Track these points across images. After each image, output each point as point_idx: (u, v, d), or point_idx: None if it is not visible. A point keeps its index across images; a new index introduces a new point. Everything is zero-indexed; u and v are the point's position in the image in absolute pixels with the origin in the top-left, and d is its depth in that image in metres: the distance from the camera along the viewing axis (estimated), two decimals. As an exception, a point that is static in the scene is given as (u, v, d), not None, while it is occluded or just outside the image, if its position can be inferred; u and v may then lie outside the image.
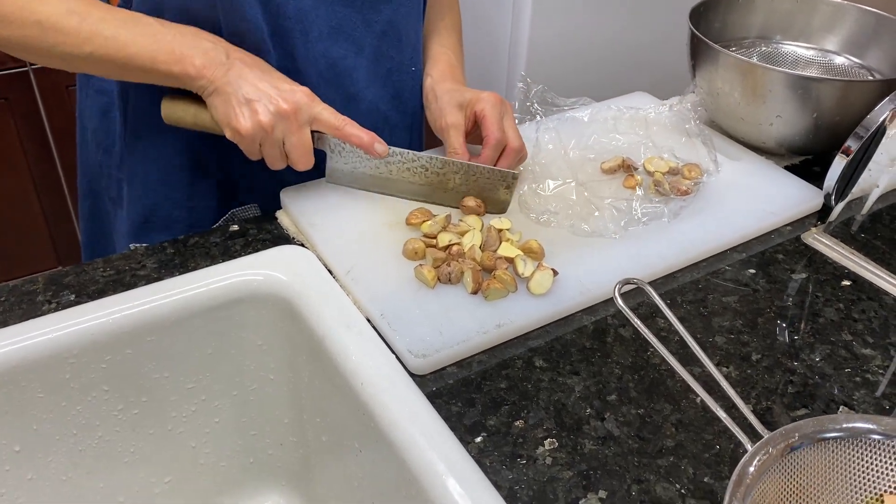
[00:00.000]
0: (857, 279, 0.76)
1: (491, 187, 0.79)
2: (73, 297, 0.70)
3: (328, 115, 0.73)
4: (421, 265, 0.70)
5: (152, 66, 0.69)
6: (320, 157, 0.78)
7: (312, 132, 0.74)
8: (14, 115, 1.75)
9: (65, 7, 0.67)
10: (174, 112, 0.75)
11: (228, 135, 0.72)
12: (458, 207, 0.80)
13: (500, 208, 0.80)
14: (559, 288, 0.70)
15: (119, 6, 0.76)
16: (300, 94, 0.71)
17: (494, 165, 0.80)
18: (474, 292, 0.69)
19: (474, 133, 0.83)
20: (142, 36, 0.68)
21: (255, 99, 0.69)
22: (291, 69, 0.80)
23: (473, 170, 0.78)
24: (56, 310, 0.68)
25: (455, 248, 0.73)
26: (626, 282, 0.59)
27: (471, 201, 0.78)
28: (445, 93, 0.84)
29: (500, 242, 0.74)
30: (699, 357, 0.54)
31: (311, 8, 0.78)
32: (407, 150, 0.78)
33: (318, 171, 0.79)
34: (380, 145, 0.76)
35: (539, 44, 1.61)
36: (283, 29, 0.77)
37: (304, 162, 0.74)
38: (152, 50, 0.68)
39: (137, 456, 0.72)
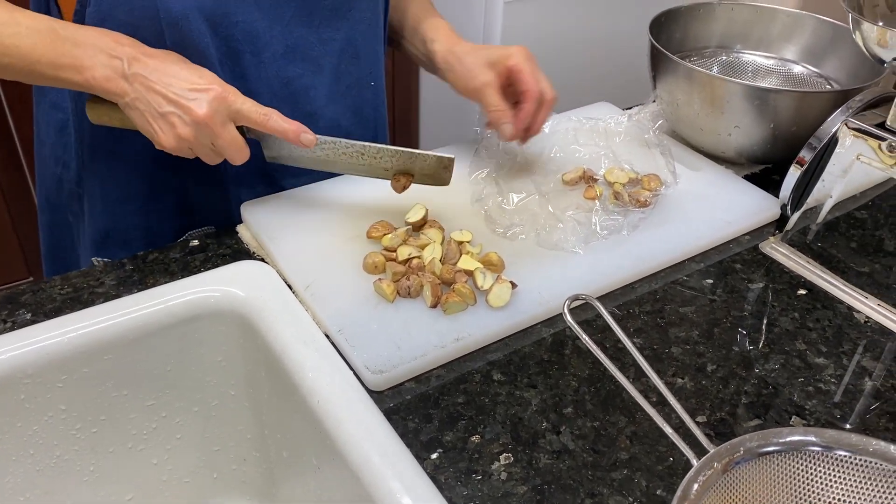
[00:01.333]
0: (812, 288, 0.77)
1: (430, 170, 0.79)
2: (29, 315, 0.69)
3: (249, 109, 0.70)
4: (380, 279, 0.71)
5: (55, 75, 0.67)
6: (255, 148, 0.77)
7: (243, 128, 0.72)
8: (-20, 124, 1.73)
9: None
10: (99, 114, 0.74)
11: (156, 147, 0.70)
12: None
13: (441, 183, 0.80)
14: (518, 300, 0.71)
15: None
16: (213, 93, 0.67)
17: (535, 118, 0.81)
18: (433, 306, 0.69)
19: (508, 90, 0.82)
20: (42, 43, 0.66)
21: (168, 111, 0.66)
22: (243, 90, 0.79)
23: (410, 156, 0.77)
24: (12, 329, 0.67)
25: (415, 261, 0.73)
26: (576, 297, 0.60)
27: (401, 179, 0.78)
28: (468, 53, 0.83)
29: (461, 255, 0.74)
30: (647, 372, 0.55)
31: (265, 29, 0.77)
32: (339, 139, 0.76)
33: (272, 183, 0.79)
34: (306, 135, 0.73)
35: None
36: (234, 51, 0.77)
37: (239, 157, 0.71)
38: (52, 58, 0.66)
39: (98, 475, 0.71)
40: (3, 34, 0.66)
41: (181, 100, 0.66)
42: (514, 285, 0.71)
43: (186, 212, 0.86)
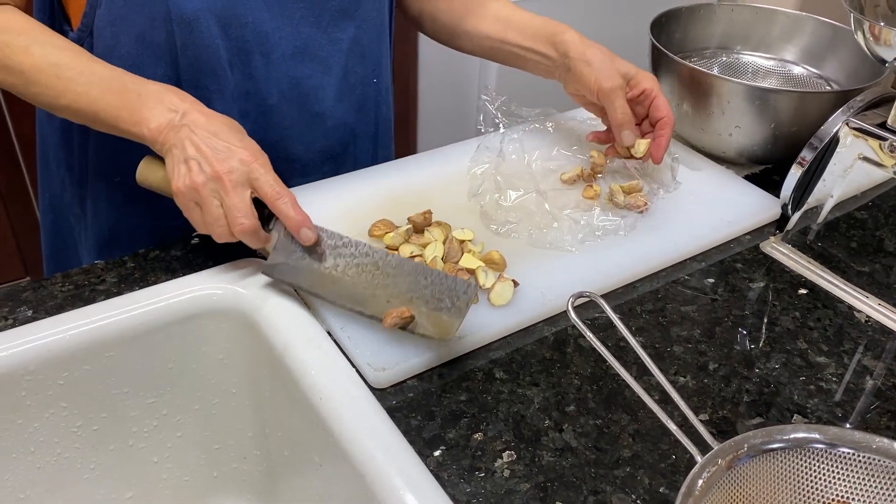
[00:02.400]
0: (813, 287, 0.77)
1: (445, 300, 0.65)
2: (30, 312, 0.69)
3: (264, 183, 0.67)
4: None
5: (115, 125, 0.69)
6: None
7: (267, 212, 0.68)
8: (-22, 124, 1.72)
9: (46, 60, 0.69)
10: (146, 173, 0.72)
11: (172, 196, 0.69)
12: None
13: (443, 332, 0.64)
14: (520, 299, 0.71)
15: (79, 29, 0.76)
16: (240, 155, 0.66)
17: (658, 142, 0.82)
18: None
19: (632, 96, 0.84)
20: (109, 92, 0.69)
21: (192, 157, 0.66)
22: (252, 90, 0.80)
23: (430, 274, 0.66)
24: (13, 326, 0.67)
25: (417, 259, 0.73)
26: (580, 295, 0.60)
27: (402, 311, 0.64)
28: (605, 59, 0.83)
29: (462, 254, 0.74)
30: (651, 370, 0.55)
31: (274, 30, 0.78)
32: (361, 242, 0.69)
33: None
34: (307, 231, 0.68)
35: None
36: (244, 52, 0.77)
37: (237, 224, 0.66)
38: (116, 108, 0.68)
39: (98, 472, 0.71)
40: (78, 83, 0.69)
41: (208, 150, 0.66)
42: (515, 284, 0.71)
43: None
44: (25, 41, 0.69)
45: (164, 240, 0.80)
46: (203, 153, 0.66)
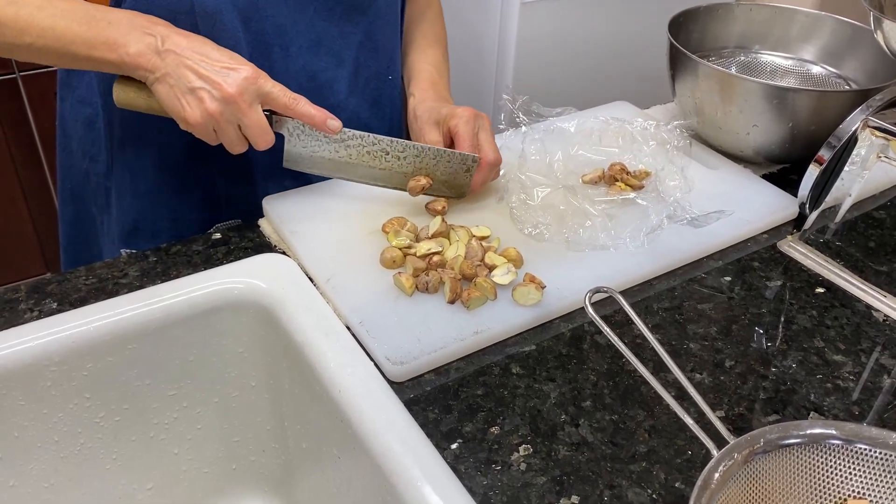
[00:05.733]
0: (830, 286, 0.77)
1: (452, 172, 0.79)
2: (55, 304, 0.70)
3: (278, 93, 0.70)
4: (399, 273, 0.71)
5: (88, 54, 0.67)
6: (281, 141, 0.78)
7: (269, 114, 0.72)
8: (2, 120, 1.75)
9: None
10: (126, 96, 0.73)
11: (180, 125, 0.71)
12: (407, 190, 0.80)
13: (459, 192, 0.81)
14: (537, 295, 0.71)
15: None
16: (244, 73, 0.68)
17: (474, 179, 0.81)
18: (451, 301, 0.69)
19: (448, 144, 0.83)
20: (77, 23, 0.67)
21: (198, 87, 0.66)
22: None
23: (435, 153, 0.78)
24: (38, 318, 0.68)
25: (435, 258, 0.73)
26: (597, 290, 0.60)
27: (421, 180, 0.78)
28: (424, 112, 0.85)
29: (484, 253, 0.74)
30: (668, 365, 0.55)
31: (291, 24, 0.79)
32: (367, 133, 0.77)
33: (299, 176, 0.80)
34: (333, 121, 0.74)
35: (526, 53, 1.62)
36: (264, 44, 0.78)
37: (263, 141, 0.72)
38: (87, 38, 0.67)
39: (119, 463, 0.72)
40: (40, 17, 0.67)
41: (212, 75, 0.66)
42: (542, 286, 0.71)
43: (214, 205, 0.87)
44: None
45: (185, 231, 0.81)
46: (207, 79, 0.66)
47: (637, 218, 0.79)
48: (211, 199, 0.87)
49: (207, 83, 0.66)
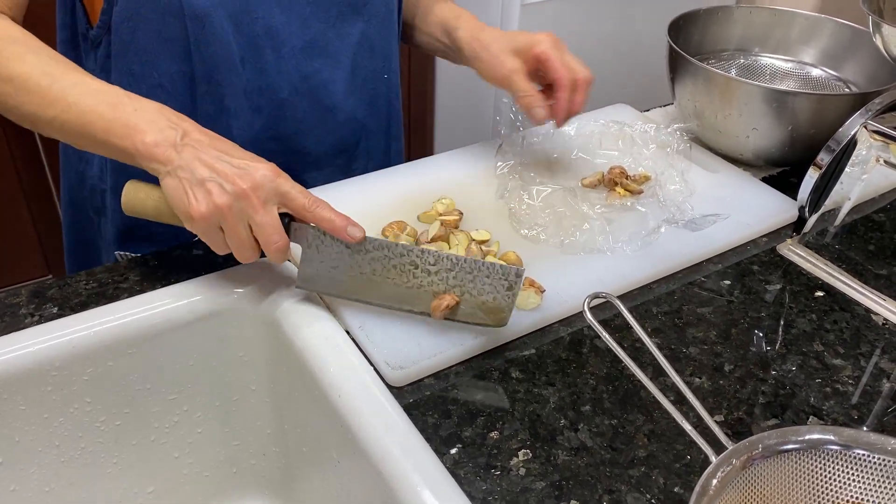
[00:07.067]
0: (830, 290, 0.77)
1: (492, 289, 0.66)
2: (55, 309, 0.71)
3: (296, 194, 0.64)
4: None
5: (105, 138, 0.64)
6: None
7: (286, 222, 0.66)
8: (3, 122, 1.75)
9: (41, 69, 0.66)
10: (136, 196, 0.68)
11: (185, 224, 0.65)
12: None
13: (498, 319, 0.67)
14: (536, 300, 0.71)
15: (98, 26, 0.78)
16: (262, 171, 0.62)
17: (572, 103, 0.80)
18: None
19: (538, 74, 0.83)
20: (104, 104, 0.65)
21: (208, 179, 0.61)
22: (264, 85, 0.81)
23: (472, 265, 0.66)
24: (39, 322, 0.68)
25: None
26: (596, 296, 0.61)
27: (445, 298, 0.66)
28: (494, 41, 0.82)
29: (483, 257, 0.74)
30: (667, 371, 0.55)
31: (284, 25, 0.79)
32: (394, 243, 0.67)
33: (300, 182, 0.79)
34: (354, 228, 0.66)
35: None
36: (255, 47, 0.78)
37: (276, 242, 0.63)
38: (108, 120, 0.64)
39: (120, 466, 0.72)
40: (71, 92, 0.65)
41: (227, 169, 0.62)
42: (542, 290, 0.71)
43: None
44: (21, 50, 0.67)
45: (181, 234, 0.81)
46: (220, 172, 0.62)
47: (635, 223, 0.79)
48: None
49: (220, 177, 0.62)
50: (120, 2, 0.75)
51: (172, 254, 0.78)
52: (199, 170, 0.62)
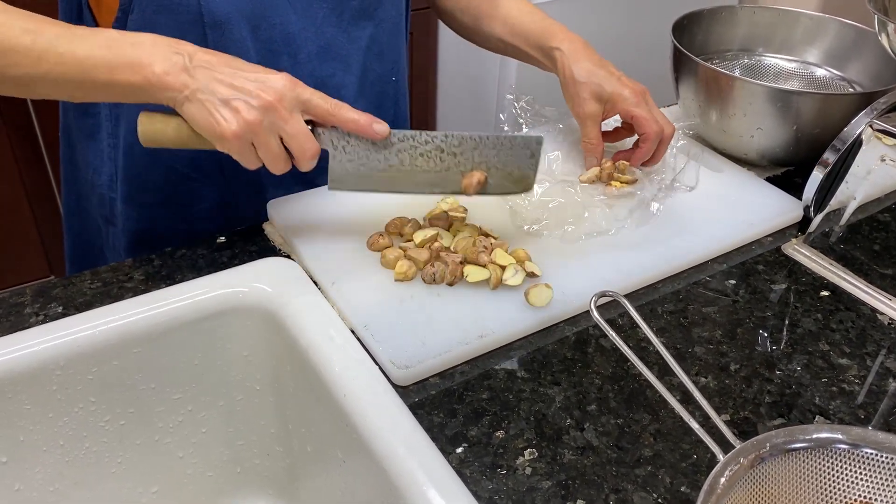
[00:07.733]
0: (835, 290, 0.77)
1: (516, 159, 0.71)
2: (60, 309, 0.70)
3: (318, 100, 0.65)
4: (386, 250, 0.73)
5: (110, 79, 0.62)
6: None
7: (310, 128, 0.67)
8: (6, 122, 1.75)
9: (19, 26, 0.62)
10: (153, 128, 0.67)
11: (217, 144, 0.65)
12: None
13: (525, 185, 0.73)
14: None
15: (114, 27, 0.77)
16: (281, 81, 0.64)
17: (655, 154, 0.84)
18: (451, 284, 0.70)
19: (609, 117, 0.87)
20: (98, 48, 0.62)
21: (233, 98, 0.62)
22: None
23: (495, 141, 0.70)
24: (43, 322, 0.68)
25: (435, 244, 0.74)
26: (602, 294, 0.60)
27: (475, 175, 0.71)
28: (585, 80, 0.84)
29: (493, 249, 0.74)
30: (674, 369, 0.55)
31: (299, 31, 0.79)
32: (417, 132, 0.69)
33: (309, 183, 0.80)
34: (378, 125, 0.67)
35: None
36: (273, 53, 0.78)
37: (308, 152, 0.65)
38: (109, 60, 0.62)
39: (125, 466, 0.72)
40: (58, 43, 0.63)
41: (247, 85, 0.62)
42: (547, 287, 0.71)
43: (223, 215, 0.87)
44: None
45: (192, 238, 0.81)
46: (241, 89, 0.62)
47: (635, 206, 0.80)
48: (220, 209, 0.86)
49: (243, 93, 0.62)
50: (135, 10, 0.74)
51: (176, 253, 0.78)
52: (220, 90, 0.62)
